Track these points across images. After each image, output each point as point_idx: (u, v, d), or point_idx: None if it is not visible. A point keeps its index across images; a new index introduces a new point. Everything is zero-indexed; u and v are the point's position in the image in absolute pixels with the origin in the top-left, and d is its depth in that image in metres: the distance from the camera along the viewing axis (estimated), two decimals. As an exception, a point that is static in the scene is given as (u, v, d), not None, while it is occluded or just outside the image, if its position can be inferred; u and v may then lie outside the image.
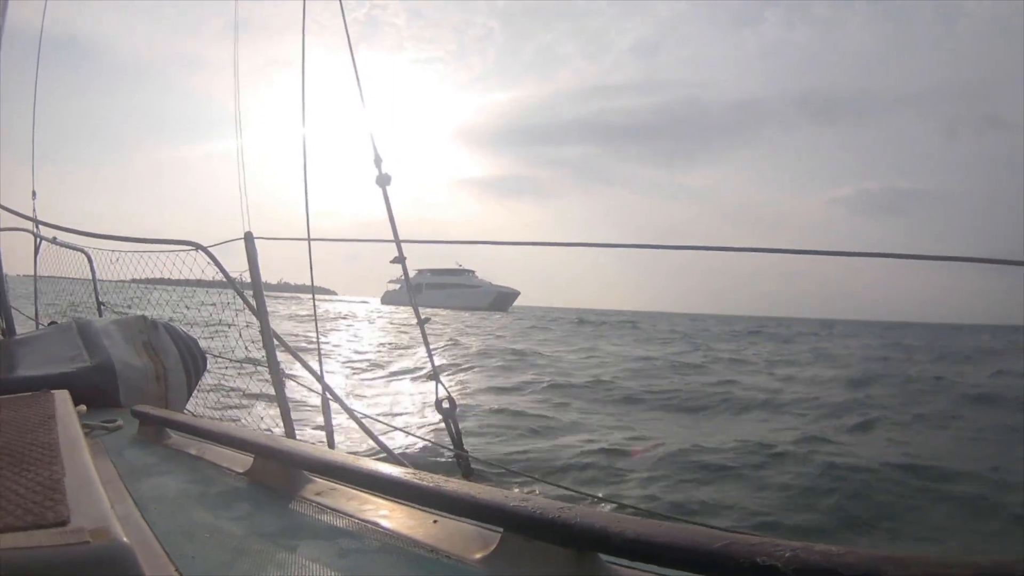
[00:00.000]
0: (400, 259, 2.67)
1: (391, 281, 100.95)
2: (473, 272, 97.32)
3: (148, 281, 3.58)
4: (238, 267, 2.99)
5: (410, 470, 1.68)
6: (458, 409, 2.65)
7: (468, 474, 2.70)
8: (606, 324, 51.26)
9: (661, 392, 12.17)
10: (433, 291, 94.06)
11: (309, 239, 2.82)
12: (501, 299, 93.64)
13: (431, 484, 1.33)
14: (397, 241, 2.63)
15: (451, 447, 2.65)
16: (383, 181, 2.64)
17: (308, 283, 2.99)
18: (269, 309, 2.96)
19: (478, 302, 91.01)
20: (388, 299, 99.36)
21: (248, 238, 2.96)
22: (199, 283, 3.35)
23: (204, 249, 3.08)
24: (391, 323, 36.92)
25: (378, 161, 2.64)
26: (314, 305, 3.02)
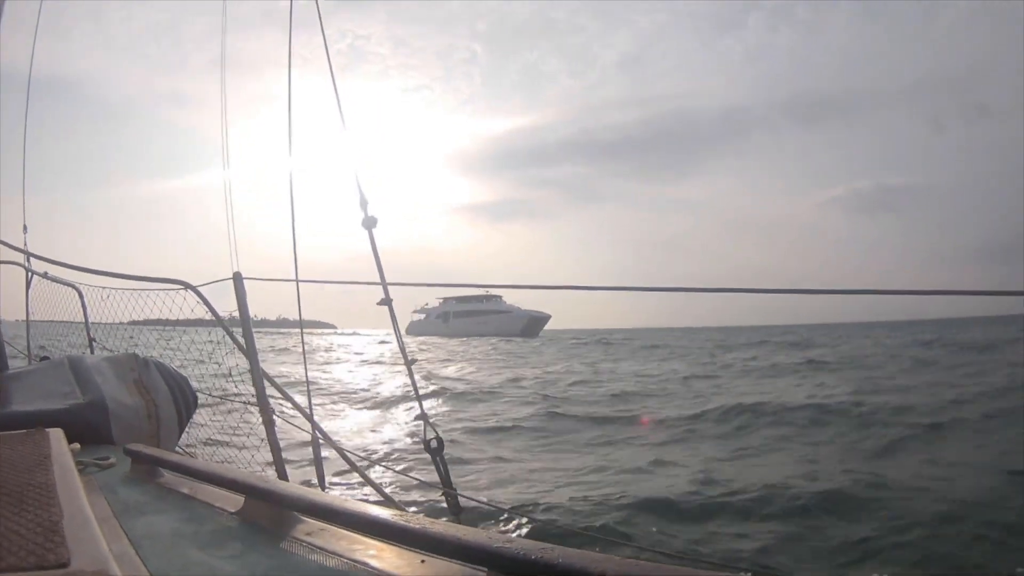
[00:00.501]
0: (387, 301, 2.76)
1: (416, 311, 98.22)
2: (500, 297, 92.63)
3: (145, 323, 3.66)
4: (230, 306, 3.08)
5: (397, 511, 1.76)
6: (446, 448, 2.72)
7: (457, 512, 2.76)
8: (613, 344, 50.78)
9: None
10: (461, 319, 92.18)
11: (297, 280, 2.92)
12: (532, 324, 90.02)
13: (417, 526, 1.39)
14: (384, 284, 2.73)
15: (440, 486, 2.71)
16: (369, 224, 2.74)
17: (308, 319, 3.08)
18: (272, 344, 3.03)
19: (510, 328, 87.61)
20: (414, 330, 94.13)
21: (237, 278, 3.06)
22: (198, 322, 3.42)
23: (194, 289, 3.17)
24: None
25: (363, 204, 2.74)
26: (303, 343, 3.10)
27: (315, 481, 3.13)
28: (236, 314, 3.09)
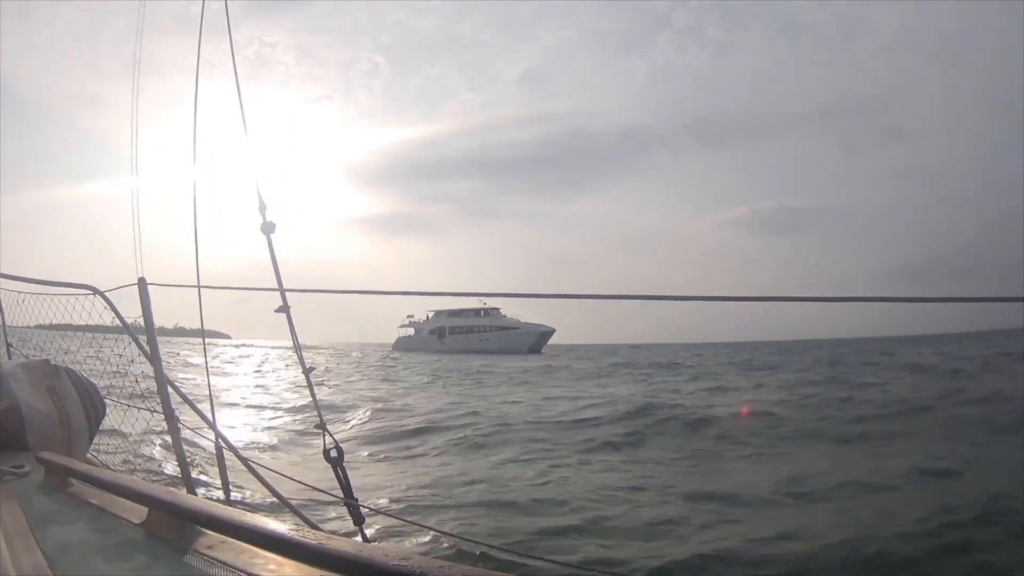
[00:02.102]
0: (284, 308, 2.75)
1: (402, 326, 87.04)
2: (498, 310, 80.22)
3: (52, 327, 3.67)
4: (134, 312, 3.08)
5: (296, 527, 1.78)
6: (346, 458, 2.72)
7: (360, 522, 2.77)
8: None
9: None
10: (460, 336, 80.00)
11: (199, 286, 2.90)
12: (540, 339, 79.01)
13: (314, 541, 1.41)
14: (281, 290, 2.71)
15: (342, 497, 2.72)
16: (268, 229, 2.72)
17: (204, 328, 3.08)
18: (176, 353, 3.03)
19: (518, 345, 76.25)
20: (402, 346, 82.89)
21: (142, 284, 3.06)
22: (99, 328, 3.42)
23: (100, 293, 3.17)
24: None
25: (263, 208, 2.71)
26: (204, 351, 3.10)
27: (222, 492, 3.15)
28: (141, 321, 3.09)
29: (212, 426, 3.06)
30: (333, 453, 2.70)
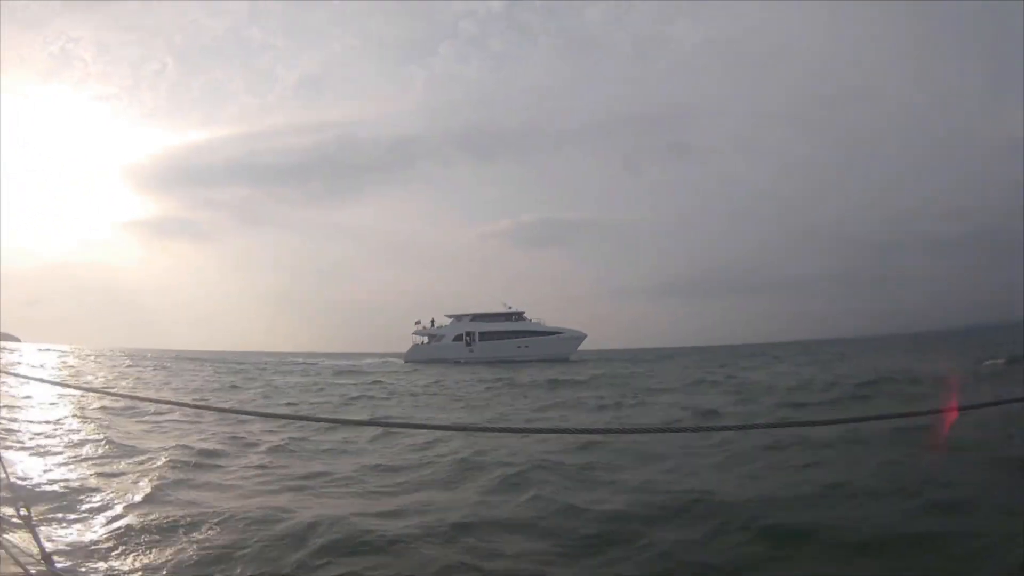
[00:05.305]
0: None
1: (416, 332, 73.48)
2: (523, 313, 71.87)
3: None
4: None
5: None
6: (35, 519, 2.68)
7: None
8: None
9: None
10: (492, 342, 70.51)
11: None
12: (578, 345, 72.28)
13: None
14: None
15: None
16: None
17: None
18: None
19: (562, 350, 69.54)
20: (418, 355, 71.02)
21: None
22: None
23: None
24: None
25: None
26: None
27: None
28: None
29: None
30: (23, 512, 2.69)
